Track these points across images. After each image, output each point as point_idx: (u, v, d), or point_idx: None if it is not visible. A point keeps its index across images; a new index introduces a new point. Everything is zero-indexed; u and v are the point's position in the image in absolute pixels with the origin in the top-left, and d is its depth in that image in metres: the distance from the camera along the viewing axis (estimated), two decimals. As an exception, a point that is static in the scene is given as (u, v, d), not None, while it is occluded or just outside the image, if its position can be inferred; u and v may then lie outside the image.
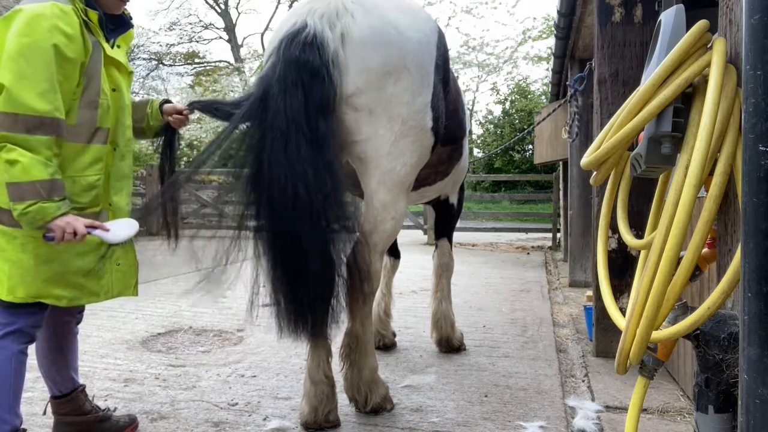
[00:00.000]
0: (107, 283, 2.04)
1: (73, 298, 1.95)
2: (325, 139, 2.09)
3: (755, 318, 1.03)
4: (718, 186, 1.34)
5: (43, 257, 1.86)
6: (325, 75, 2.12)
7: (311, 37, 2.15)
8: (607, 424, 2.44)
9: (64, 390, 2.21)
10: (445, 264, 3.59)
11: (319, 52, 2.13)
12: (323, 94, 2.12)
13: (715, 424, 1.39)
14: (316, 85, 2.11)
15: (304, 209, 2.00)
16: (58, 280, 1.90)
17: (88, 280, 1.97)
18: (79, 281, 1.95)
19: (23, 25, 1.78)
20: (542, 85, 24.65)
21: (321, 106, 2.11)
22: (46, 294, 1.88)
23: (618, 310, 1.62)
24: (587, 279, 5.81)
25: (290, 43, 2.15)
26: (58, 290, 1.90)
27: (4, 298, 1.83)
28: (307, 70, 2.10)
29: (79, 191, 1.94)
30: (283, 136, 2.03)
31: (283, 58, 2.13)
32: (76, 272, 1.94)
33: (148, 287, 5.59)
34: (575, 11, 4.86)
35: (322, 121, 2.10)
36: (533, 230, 12.52)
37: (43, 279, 1.87)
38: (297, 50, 2.12)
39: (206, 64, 28.35)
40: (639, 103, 1.50)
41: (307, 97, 2.08)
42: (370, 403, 2.51)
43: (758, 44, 1.04)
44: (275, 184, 2.00)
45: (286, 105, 2.05)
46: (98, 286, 2.02)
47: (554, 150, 7.68)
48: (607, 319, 3.08)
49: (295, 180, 2.00)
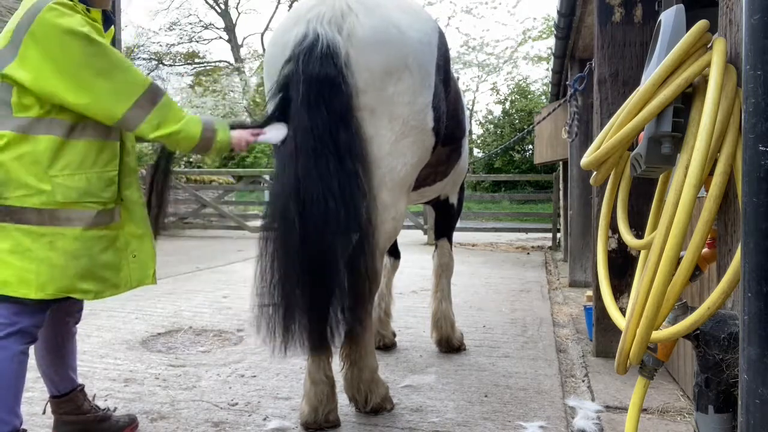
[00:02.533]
0: (126, 275, 2.08)
1: (98, 291, 1.99)
2: (348, 148, 2.14)
3: (755, 318, 1.03)
4: (718, 186, 1.34)
5: (71, 253, 1.90)
6: (341, 83, 2.15)
7: (325, 48, 2.16)
8: (607, 424, 2.44)
9: (62, 389, 2.21)
10: (445, 264, 3.59)
11: (334, 61, 2.15)
12: (342, 102, 2.16)
13: (715, 424, 1.39)
14: (335, 95, 2.14)
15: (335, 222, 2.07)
16: (86, 275, 1.94)
17: (111, 273, 2.02)
18: (104, 274, 1.99)
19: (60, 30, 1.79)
20: (542, 85, 24.68)
21: (341, 114, 2.15)
22: (75, 288, 1.92)
23: (618, 310, 1.62)
24: (587, 279, 5.81)
25: (308, 58, 2.15)
26: (85, 284, 1.94)
27: (34, 296, 1.85)
28: (327, 85, 2.14)
29: (104, 187, 1.98)
30: (313, 152, 2.09)
31: (304, 76, 2.14)
32: (102, 266, 1.98)
33: (148, 287, 5.59)
34: (575, 11, 4.86)
35: (343, 130, 2.15)
36: (533, 230, 12.52)
37: (73, 274, 1.90)
38: (317, 66, 2.14)
39: (206, 64, 28.38)
40: (639, 103, 1.50)
41: (329, 110, 2.12)
42: (370, 403, 2.51)
43: (758, 44, 1.04)
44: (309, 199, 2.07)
45: (311, 122, 2.11)
46: (118, 278, 2.05)
47: (554, 150, 7.68)
48: (607, 319, 3.08)
49: (326, 194, 2.07)
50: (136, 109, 1.87)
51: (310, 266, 2.08)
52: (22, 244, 1.84)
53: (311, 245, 2.06)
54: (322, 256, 2.08)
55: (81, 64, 1.82)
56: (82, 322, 2.30)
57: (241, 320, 4.32)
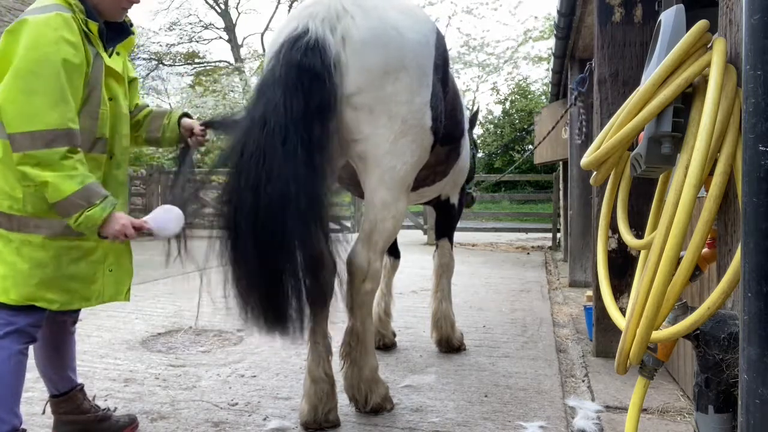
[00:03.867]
0: (99, 288, 2.04)
1: (64, 302, 1.95)
2: (320, 142, 2.10)
3: (755, 318, 1.03)
4: (718, 186, 1.34)
5: (37, 261, 1.87)
6: (326, 79, 2.13)
7: (313, 41, 2.15)
8: (607, 424, 2.44)
9: (61, 389, 2.22)
10: (445, 264, 3.59)
11: (321, 57, 2.14)
12: (323, 97, 2.12)
13: (715, 424, 1.39)
14: (316, 88, 2.11)
15: (291, 207, 2.00)
16: (50, 285, 1.90)
17: (80, 284, 1.98)
18: (71, 286, 1.95)
19: (30, 38, 1.79)
20: (542, 85, 24.67)
21: (320, 109, 2.12)
22: (38, 297, 1.88)
23: (618, 310, 1.62)
24: (587, 279, 5.81)
25: (291, 47, 2.15)
26: (50, 294, 1.90)
27: None
28: (308, 74, 2.10)
29: None
30: (280, 133, 2.03)
31: (284, 62, 2.13)
32: (69, 277, 1.94)
33: (148, 287, 5.59)
34: (575, 11, 4.86)
35: (319, 125, 2.11)
36: (533, 230, 12.53)
37: (35, 283, 1.87)
38: (298, 54, 2.12)
39: (206, 64, 28.36)
40: (639, 103, 1.49)
41: (307, 100, 2.09)
42: (370, 402, 2.51)
43: (758, 44, 1.04)
44: (268, 178, 1.99)
45: (285, 106, 2.06)
46: (89, 291, 2.02)
47: (554, 150, 7.68)
48: (607, 319, 3.08)
49: (287, 178, 2.00)
50: (27, 138, 1.76)
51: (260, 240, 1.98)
52: None
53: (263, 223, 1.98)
54: (272, 234, 1.98)
55: (21, 71, 1.76)
56: (83, 322, 2.30)
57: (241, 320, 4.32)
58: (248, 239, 1.99)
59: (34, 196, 1.86)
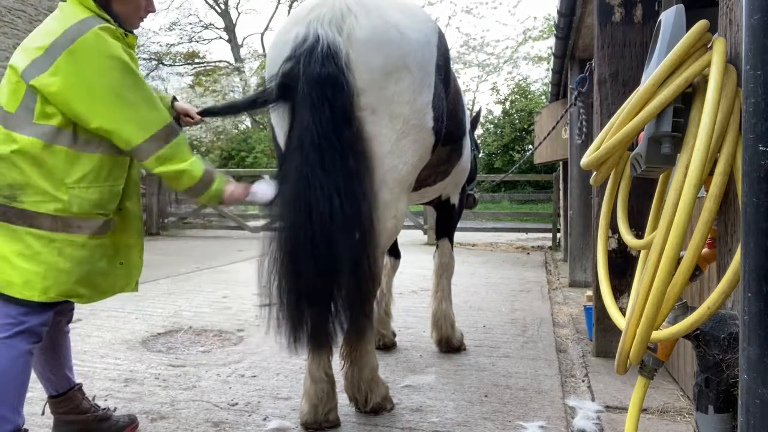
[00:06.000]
0: (112, 281, 2.13)
1: (91, 296, 2.06)
2: (350, 146, 2.17)
3: (755, 318, 1.03)
4: (718, 186, 1.34)
5: (78, 260, 1.95)
6: (344, 83, 2.17)
7: (326, 49, 2.17)
8: (607, 424, 2.44)
9: (60, 389, 2.22)
10: (445, 264, 3.59)
11: (335, 62, 2.17)
12: (344, 102, 2.17)
13: (715, 424, 1.39)
14: (339, 95, 2.16)
15: (340, 220, 2.09)
16: (85, 281, 2.00)
17: (102, 279, 2.07)
18: (96, 280, 2.05)
19: (97, 56, 1.86)
20: (542, 85, 24.66)
21: (344, 115, 2.17)
22: (73, 293, 1.97)
23: (618, 310, 1.62)
24: (587, 279, 5.81)
25: (309, 60, 2.17)
26: (82, 289, 2.00)
27: (37, 299, 1.88)
28: (330, 83, 2.15)
29: (112, 199, 2.04)
30: (318, 150, 2.11)
31: (306, 77, 2.15)
32: (98, 272, 2.04)
33: (148, 287, 5.59)
34: (575, 11, 4.86)
35: (347, 128, 2.18)
36: (533, 230, 12.51)
37: (75, 280, 1.96)
38: (318, 66, 2.15)
39: (206, 64, 28.38)
40: (639, 103, 1.49)
41: (332, 110, 2.14)
42: (370, 402, 2.51)
43: (758, 44, 1.04)
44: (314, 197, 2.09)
45: (314, 121, 2.12)
46: (106, 285, 2.11)
47: (554, 150, 7.67)
48: (607, 319, 3.08)
49: (331, 192, 2.09)
50: (151, 142, 1.95)
51: (316, 264, 2.09)
52: (32, 248, 1.88)
53: (317, 243, 2.07)
54: (327, 254, 2.09)
55: (114, 92, 1.89)
56: (83, 322, 2.31)
57: (241, 320, 4.32)
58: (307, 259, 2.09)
59: (79, 197, 1.92)
